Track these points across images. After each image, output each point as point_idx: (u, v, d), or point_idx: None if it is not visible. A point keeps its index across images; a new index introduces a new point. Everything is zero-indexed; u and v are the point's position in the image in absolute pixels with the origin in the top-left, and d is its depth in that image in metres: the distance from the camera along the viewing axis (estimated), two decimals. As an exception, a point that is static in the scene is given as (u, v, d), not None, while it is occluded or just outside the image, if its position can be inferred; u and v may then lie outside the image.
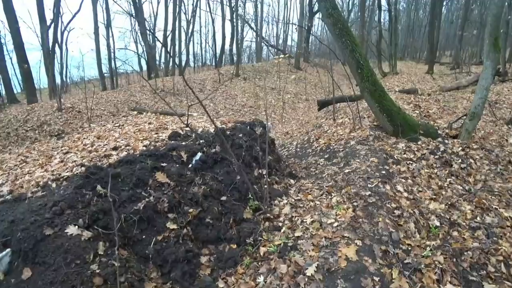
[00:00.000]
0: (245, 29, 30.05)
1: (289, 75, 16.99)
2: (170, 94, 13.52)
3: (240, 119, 4.98)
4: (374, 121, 6.17)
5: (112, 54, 19.76)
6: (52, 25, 14.83)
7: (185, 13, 25.93)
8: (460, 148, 4.96)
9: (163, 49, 21.60)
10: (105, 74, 19.62)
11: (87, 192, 2.89)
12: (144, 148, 4.23)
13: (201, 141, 3.95)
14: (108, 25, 18.75)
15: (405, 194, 3.66)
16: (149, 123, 5.75)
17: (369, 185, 3.67)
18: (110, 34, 19.81)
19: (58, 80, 17.90)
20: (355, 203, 3.36)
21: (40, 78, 21.02)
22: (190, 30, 22.87)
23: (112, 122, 6.79)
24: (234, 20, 20.66)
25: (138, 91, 13.63)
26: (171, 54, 17.99)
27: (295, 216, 3.38)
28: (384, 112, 5.36)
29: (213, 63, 24.17)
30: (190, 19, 24.95)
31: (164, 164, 3.50)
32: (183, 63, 21.95)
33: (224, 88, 15.49)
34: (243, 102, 14.22)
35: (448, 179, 4.34)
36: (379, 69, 16.65)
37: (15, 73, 20.89)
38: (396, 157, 4.67)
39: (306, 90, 17.01)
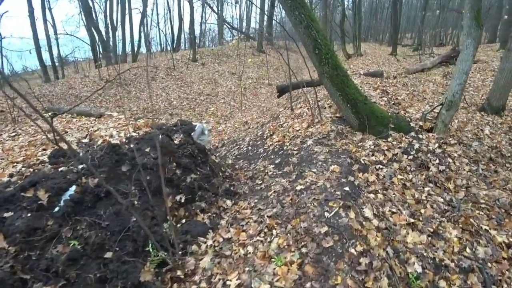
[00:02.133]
0: (207, 11, 27.84)
1: (249, 58, 15.55)
2: (116, 85, 11.65)
3: (160, 122, 3.66)
4: (336, 111, 5.07)
5: (55, 41, 17.14)
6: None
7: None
8: (437, 144, 4.00)
9: (115, 34, 19.09)
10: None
11: None
12: (10, 179, 2.80)
13: (80, 166, 2.58)
14: (43, 7, 15.99)
15: (375, 222, 2.58)
16: (50, 131, 4.22)
17: (326, 214, 2.54)
18: (50, 18, 17.06)
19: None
20: (303, 249, 2.22)
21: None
22: (143, 12, 20.40)
23: (12, 129, 5.14)
24: (192, 1, 18.59)
25: (78, 83, 11.63)
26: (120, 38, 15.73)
27: (216, 274, 2.19)
28: (348, 103, 4.25)
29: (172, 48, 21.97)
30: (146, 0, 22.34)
31: (7, 215, 2.14)
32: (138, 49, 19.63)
33: (180, 75, 13.80)
34: (199, 90, 12.69)
35: (426, 188, 3.35)
36: (343, 51, 15.70)
37: None
38: (363, 161, 3.60)
39: (268, 74, 15.72)
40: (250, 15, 29.53)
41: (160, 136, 3.04)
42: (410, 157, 3.78)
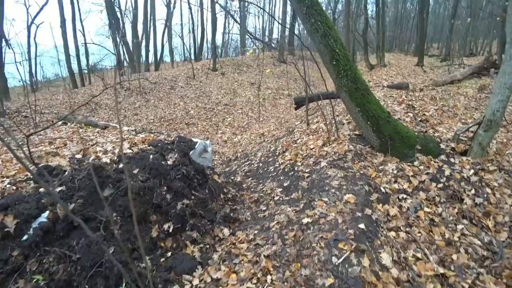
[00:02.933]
0: (231, 21, 28.06)
1: (267, 69, 15.23)
2: (135, 94, 11.70)
3: (158, 138, 3.34)
4: (355, 128, 4.57)
5: (84, 50, 17.80)
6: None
7: (167, 5, 23.81)
8: (472, 171, 3.40)
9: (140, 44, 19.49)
10: (84, 71, 17.60)
11: None
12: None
13: (58, 188, 2.30)
14: (74, 18, 16.65)
15: (394, 273, 2.08)
16: (50, 143, 4.05)
17: (333, 259, 2.08)
18: (80, 28, 17.79)
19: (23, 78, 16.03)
20: (303, 309, 1.77)
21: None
22: (168, 23, 20.80)
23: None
24: (215, 11, 18.71)
25: (100, 90, 11.79)
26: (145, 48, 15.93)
27: (195, 333, 1.79)
28: (368, 120, 3.76)
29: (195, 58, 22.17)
30: (172, 11, 22.89)
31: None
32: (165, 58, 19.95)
33: (199, 84, 13.72)
34: (217, 100, 12.50)
35: (459, 226, 2.77)
36: (365, 61, 15.02)
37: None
38: (383, 189, 3.09)
39: (288, 85, 15.32)
40: (273, 25, 29.42)
41: (151, 156, 2.72)
42: (440, 185, 3.21)
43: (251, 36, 19.60)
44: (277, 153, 5.10)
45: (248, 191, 4.02)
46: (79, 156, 3.13)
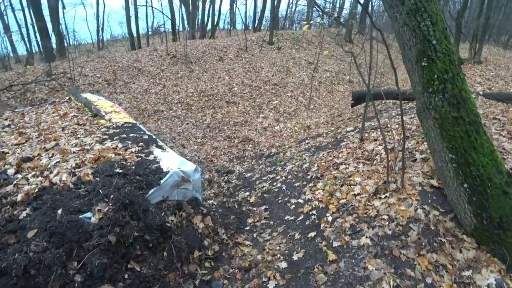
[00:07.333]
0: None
1: (327, 50, 12.83)
2: (180, 62, 10.68)
3: (114, 159, 2.12)
4: (433, 174, 2.81)
5: (145, 13, 17.27)
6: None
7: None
8: None
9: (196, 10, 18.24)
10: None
11: None
12: None
13: None
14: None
15: None
16: (20, 133, 3.12)
17: None
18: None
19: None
20: None
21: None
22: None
23: (24, 111, 4.30)
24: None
25: (146, 55, 11.01)
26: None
27: None
28: (466, 181, 2.04)
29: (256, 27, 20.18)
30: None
31: None
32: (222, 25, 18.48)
33: (250, 58, 12.18)
34: (267, 78, 10.90)
35: None
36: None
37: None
38: None
39: (351, 70, 12.89)
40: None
41: (60, 211, 1.52)
42: None
43: (318, 9, 16.88)
44: (308, 177, 3.60)
45: (248, 236, 2.71)
46: (11, 171, 2.09)
